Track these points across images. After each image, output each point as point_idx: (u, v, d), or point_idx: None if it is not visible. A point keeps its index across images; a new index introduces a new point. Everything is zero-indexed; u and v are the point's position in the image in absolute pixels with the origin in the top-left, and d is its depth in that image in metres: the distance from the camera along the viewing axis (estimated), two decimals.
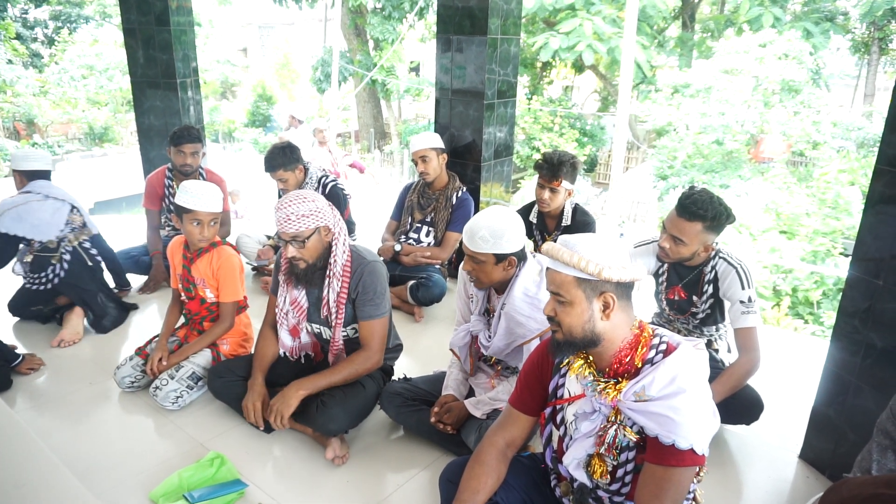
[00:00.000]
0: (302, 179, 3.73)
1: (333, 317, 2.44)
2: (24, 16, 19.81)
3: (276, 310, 2.55)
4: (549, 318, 1.59)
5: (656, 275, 2.68)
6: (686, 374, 1.45)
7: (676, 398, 1.43)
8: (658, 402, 1.44)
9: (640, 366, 1.52)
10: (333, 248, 2.38)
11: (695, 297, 2.54)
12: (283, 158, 3.61)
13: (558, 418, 1.70)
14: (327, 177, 3.83)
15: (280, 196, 3.87)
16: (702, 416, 1.45)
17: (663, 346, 1.52)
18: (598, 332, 1.52)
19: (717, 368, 2.50)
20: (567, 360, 1.67)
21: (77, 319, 3.35)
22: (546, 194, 3.26)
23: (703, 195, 2.32)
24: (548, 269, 1.56)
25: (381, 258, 3.11)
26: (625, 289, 1.53)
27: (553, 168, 3.18)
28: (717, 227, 2.34)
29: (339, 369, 2.40)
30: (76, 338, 3.29)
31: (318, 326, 2.56)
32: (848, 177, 9.63)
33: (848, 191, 9.05)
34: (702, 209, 2.29)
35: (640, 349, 1.53)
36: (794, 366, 3.29)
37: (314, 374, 2.40)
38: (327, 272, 2.40)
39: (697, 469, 1.54)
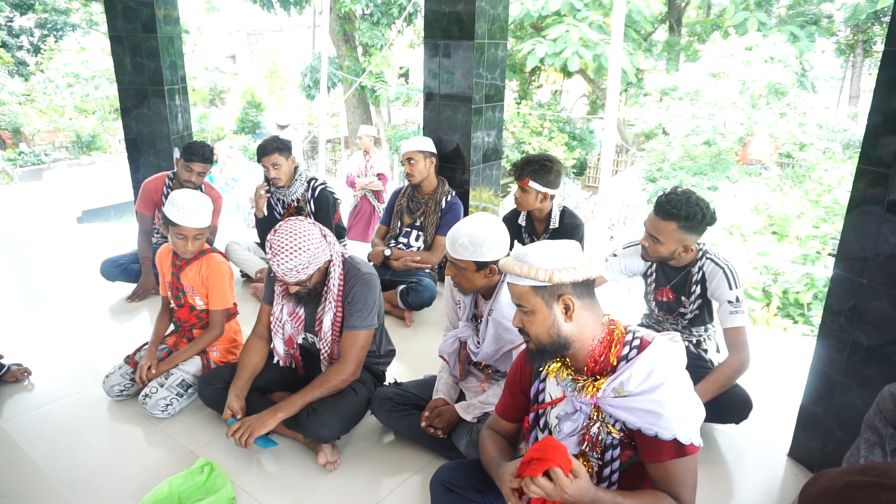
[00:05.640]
0: (292, 173, 3.87)
1: (328, 337, 2.44)
2: (9, 24, 19.65)
3: (272, 318, 2.54)
4: (520, 330, 1.62)
5: (645, 276, 2.70)
6: (662, 366, 1.47)
7: (657, 392, 1.45)
8: (638, 398, 1.46)
9: (615, 363, 1.54)
10: (331, 272, 2.39)
11: (683, 298, 2.56)
12: (279, 143, 3.82)
13: (541, 422, 1.72)
14: (316, 180, 3.94)
15: (267, 182, 3.87)
16: (687, 405, 1.47)
17: (637, 342, 1.54)
18: (564, 335, 1.54)
19: (706, 368, 2.52)
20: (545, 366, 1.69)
21: None
22: (518, 193, 3.32)
23: (680, 195, 2.33)
24: (508, 283, 1.59)
25: (371, 262, 3.13)
26: (583, 288, 1.54)
27: (519, 168, 3.25)
28: (693, 227, 2.34)
29: (314, 387, 2.36)
30: None
31: (311, 337, 2.56)
32: (848, 183, 9.69)
33: (845, 196, 9.06)
34: (675, 208, 2.31)
35: (613, 347, 1.55)
36: (783, 365, 3.32)
37: (292, 395, 2.36)
38: (323, 290, 2.41)
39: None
